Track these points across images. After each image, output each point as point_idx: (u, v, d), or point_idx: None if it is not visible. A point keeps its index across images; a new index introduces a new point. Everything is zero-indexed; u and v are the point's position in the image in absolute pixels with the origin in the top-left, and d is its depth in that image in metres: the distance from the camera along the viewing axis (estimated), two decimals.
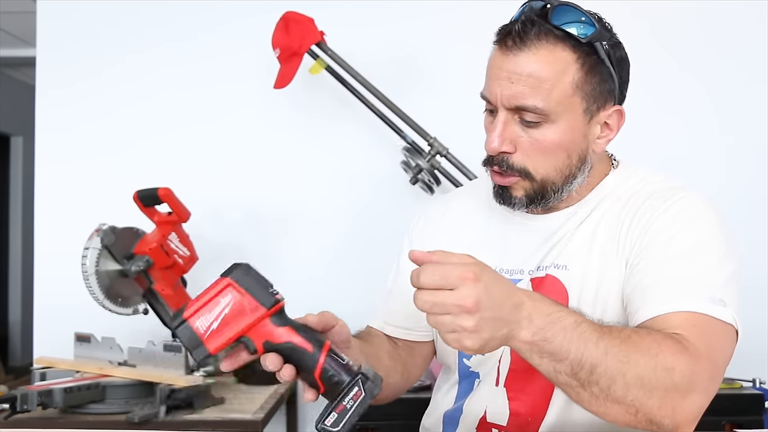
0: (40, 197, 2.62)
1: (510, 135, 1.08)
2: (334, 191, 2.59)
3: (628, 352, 0.88)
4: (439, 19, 2.56)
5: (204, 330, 0.87)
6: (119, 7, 2.62)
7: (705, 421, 0.97)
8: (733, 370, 2.12)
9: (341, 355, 0.90)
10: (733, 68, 2.54)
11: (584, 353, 0.86)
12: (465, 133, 2.40)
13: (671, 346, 0.91)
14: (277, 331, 0.89)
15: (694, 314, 0.97)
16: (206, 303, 0.88)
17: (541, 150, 1.08)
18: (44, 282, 2.59)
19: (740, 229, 2.42)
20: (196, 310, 0.88)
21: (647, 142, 2.48)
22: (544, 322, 0.86)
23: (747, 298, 2.55)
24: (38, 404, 1.70)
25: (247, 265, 0.90)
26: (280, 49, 2.23)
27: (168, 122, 2.60)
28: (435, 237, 1.26)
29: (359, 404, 0.87)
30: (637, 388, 0.88)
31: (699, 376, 0.91)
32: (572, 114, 1.07)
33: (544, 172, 1.09)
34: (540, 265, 1.14)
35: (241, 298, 0.88)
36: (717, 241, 1.06)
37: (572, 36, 1.05)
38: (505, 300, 0.84)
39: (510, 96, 1.05)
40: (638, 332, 0.93)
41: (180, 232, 2.18)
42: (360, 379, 0.87)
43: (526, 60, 1.04)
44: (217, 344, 0.87)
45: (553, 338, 0.86)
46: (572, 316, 0.89)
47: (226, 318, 0.87)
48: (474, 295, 0.81)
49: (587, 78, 1.07)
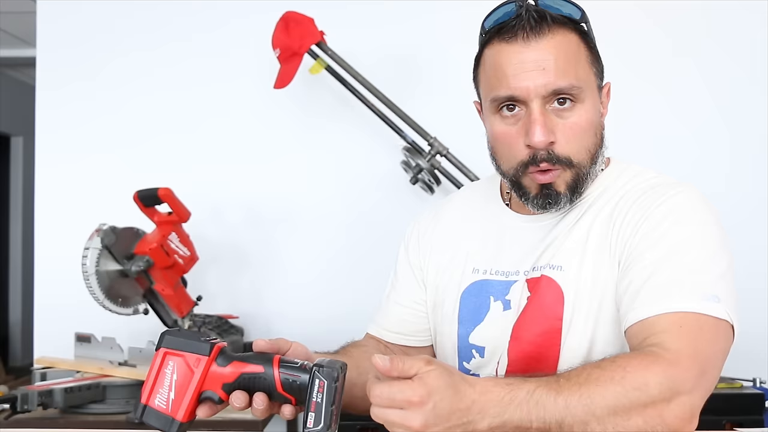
0: (40, 197, 2.62)
1: (550, 124, 1.07)
2: (334, 191, 2.59)
3: (590, 392, 0.89)
4: (439, 19, 2.56)
5: (165, 405, 0.91)
6: (119, 7, 2.62)
7: (705, 420, 0.97)
8: (734, 370, 2.13)
9: (293, 361, 0.92)
10: (737, 68, 2.54)
11: (545, 417, 0.88)
12: (465, 132, 2.39)
13: (639, 363, 0.92)
14: (226, 370, 0.91)
15: (683, 314, 0.97)
16: (155, 381, 0.92)
17: (578, 133, 1.09)
18: (44, 282, 2.59)
19: (741, 229, 2.45)
20: (150, 391, 0.91)
21: (648, 141, 2.49)
22: (497, 410, 0.88)
23: (747, 298, 2.54)
24: (39, 404, 1.70)
25: (172, 330, 0.94)
26: (280, 49, 2.23)
27: (168, 122, 2.61)
28: (430, 243, 1.27)
29: (327, 393, 0.88)
30: (612, 417, 0.89)
31: (681, 377, 0.91)
32: (592, 91, 1.11)
33: (581, 157, 1.10)
34: (535, 266, 1.14)
35: (181, 360, 0.91)
36: (710, 235, 1.05)
37: (571, 19, 1.09)
38: (454, 409, 0.86)
39: (545, 83, 1.06)
40: (600, 365, 0.93)
41: (180, 232, 2.18)
42: (316, 371, 0.89)
43: (548, 45, 1.06)
44: (184, 411, 0.91)
45: (511, 418, 0.88)
46: (525, 387, 0.90)
47: (178, 384, 0.91)
48: (419, 418, 0.84)
49: (592, 54, 1.11)
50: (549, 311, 1.10)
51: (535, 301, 1.11)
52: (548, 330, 1.09)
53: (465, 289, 1.19)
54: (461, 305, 1.19)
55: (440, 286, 1.23)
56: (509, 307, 1.14)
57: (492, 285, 1.17)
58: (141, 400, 0.91)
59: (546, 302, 1.10)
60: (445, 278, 1.23)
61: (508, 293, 1.15)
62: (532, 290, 1.12)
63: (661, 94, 2.54)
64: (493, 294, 1.16)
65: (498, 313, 1.15)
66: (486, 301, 1.16)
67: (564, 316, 1.09)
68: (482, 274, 1.18)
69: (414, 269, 1.28)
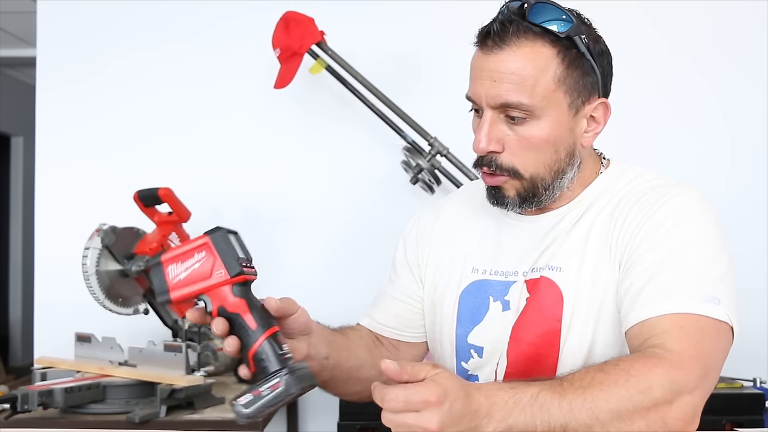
0: (40, 197, 2.62)
1: (497, 134, 1.08)
2: (334, 191, 2.59)
3: (594, 396, 0.89)
4: (439, 19, 2.56)
5: (172, 278, 0.93)
6: (119, 7, 2.62)
7: (705, 420, 0.97)
8: (734, 370, 2.13)
9: (282, 345, 0.92)
10: (737, 67, 2.54)
11: (550, 420, 0.89)
12: (465, 132, 2.39)
13: (642, 366, 0.92)
14: (233, 300, 0.92)
15: (684, 315, 0.97)
16: (182, 254, 0.93)
17: (528, 147, 1.08)
18: (44, 282, 2.59)
19: (741, 228, 2.45)
20: (172, 258, 0.94)
21: (648, 141, 2.49)
22: (502, 414, 0.88)
23: (747, 298, 2.54)
24: (39, 404, 1.70)
25: (227, 232, 0.94)
26: (280, 49, 2.23)
27: (168, 122, 2.61)
28: (430, 240, 1.27)
29: (275, 396, 0.88)
30: (616, 421, 0.89)
31: (684, 379, 0.92)
32: (557, 109, 1.08)
33: (533, 170, 1.10)
34: (534, 267, 1.13)
35: (212, 259, 0.92)
36: (710, 236, 1.06)
37: (551, 32, 1.06)
38: (465, 412, 0.87)
39: (494, 95, 1.06)
40: (603, 369, 0.93)
41: (180, 231, 2.18)
42: (284, 372, 0.89)
43: (507, 58, 1.05)
44: (179, 295, 0.93)
45: (516, 422, 0.89)
46: (529, 391, 0.90)
47: (193, 273, 0.93)
48: (436, 419, 0.84)
49: (569, 72, 1.07)
50: (548, 313, 1.10)
51: (534, 303, 1.11)
52: (548, 331, 1.09)
53: (464, 289, 1.19)
54: (460, 305, 1.19)
55: (439, 285, 1.23)
56: (508, 307, 1.14)
57: (491, 285, 1.17)
58: (160, 257, 0.94)
59: (545, 304, 1.10)
60: (444, 277, 1.23)
61: (507, 294, 1.15)
62: (531, 291, 1.12)
63: (660, 93, 2.54)
64: (493, 294, 1.16)
65: (497, 313, 1.15)
66: (485, 301, 1.16)
67: (563, 317, 1.09)
68: (482, 273, 1.18)
69: (411, 266, 1.27)
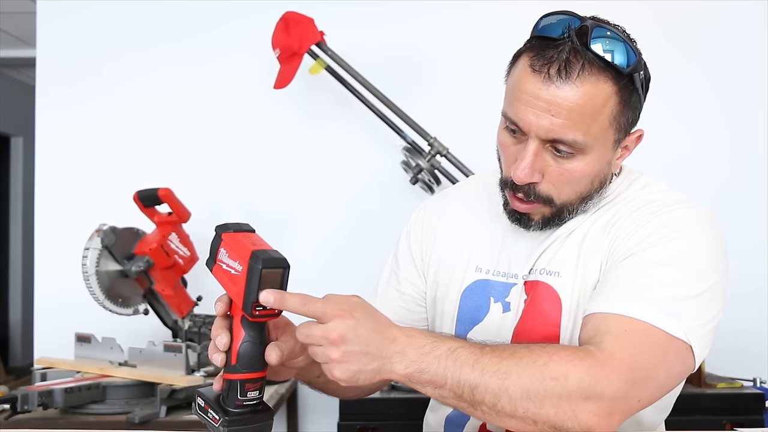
0: (40, 197, 2.62)
1: (540, 165, 1.04)
2: (334, 191, 2.59)
3: (508, 367, 0.90)
4: (439, 19, 2.56)
5: (220, 257, 0.94)
6: (119, 7, 2.62)
7: (705, 420, 0.97)
8: (734, 370, 2.13)
9: (247, 393, 0.90)
10: (738, 69, 2.54)
11: (461, 377, 0.90)
12: (465, 132, 2.40)
13: (567, 354, 0.91)
14: (236, 324, 0.93)
15: (633, 320, 0.96)
16: (234, 250, 0.92)
17: (569, 180, 1.06)
18: (44, 282, 2.59)
19: (741, 229, 2.45)
20: (227, 244, 0.93)
21: (648, 141, 2.48)
22: (417, 354, 0.90)
23: (747, 298, 2.55)
24: (39, 404, 1.70)
25: (273, 266, 0.88)
26: (280, 49, 2.23)
27: (168, 122, 2.61)
28: (434, 233, 1.26)
29: (210, 425, 0.92)
30: (524, 400, 0.89)
31: (605, 379, 0.90)
32: (604, 145, 1.05)
33: (566, 198, 1.08)
34: (533, 269, 1.14)
35: (242, 281, 0.89)
36: (699, 254, 1.03)
37: (614, 67, 1.00)
38: (375, 336, 0.89)
39: (548, 128, 1.01)
40: (530, 347, 0.93)
41: (180, 232, 2.18)
42: (224, 421, 0.90)
43: (569, 92, 0.99)
44: (216, 273, 0.95)
45: (428, 368, 0.90)
46: (448, 344, 0.92)
47: (228, 274, 0.93)
48: (339, 329, 0.88)
49: (623, 111, 1.04)
50: (547, 318, 1.10)
51: (532, 307, 1.12)
52: (547, 337, 1.10)
53: (467, 288, 1.19)
54: (461, 303, 1.19)
55: (441, 281, 1.23)
56: (508, 309, 1.14)
57: (493, 286, 1.17)
58: (221, 233, 0.96)
59: (544, 309, 1.11)
60: (447, 274, 1.22)
61: (508, 295, 1.15)
62: (529, 293, 1.12)
63: (660, 93, 2.53)
64: (494, 295, 1.16)
65: (497, 314, 1.15)
66: (486, 301, 1.17)
67: (561, 322, 1.09)
68: (484, 273, 1.18)
69: (415, 258, 1.27)
